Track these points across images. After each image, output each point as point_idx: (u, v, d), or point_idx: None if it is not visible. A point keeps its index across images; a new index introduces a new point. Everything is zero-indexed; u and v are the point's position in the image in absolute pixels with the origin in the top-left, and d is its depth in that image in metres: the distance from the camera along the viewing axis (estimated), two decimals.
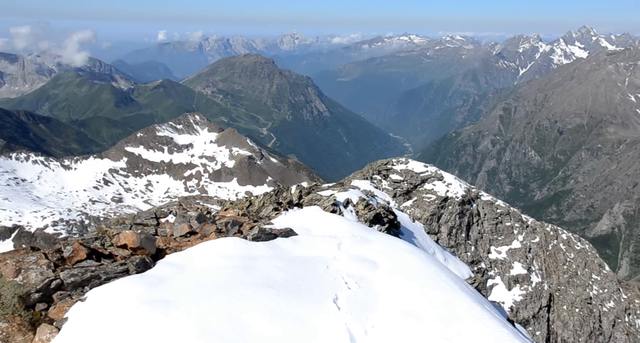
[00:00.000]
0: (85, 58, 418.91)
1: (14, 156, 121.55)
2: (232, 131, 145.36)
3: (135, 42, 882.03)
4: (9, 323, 5.82)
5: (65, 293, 6.38)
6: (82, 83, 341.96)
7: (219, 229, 8.35)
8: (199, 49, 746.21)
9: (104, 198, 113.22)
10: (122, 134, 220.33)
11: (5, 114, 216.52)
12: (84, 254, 6.78)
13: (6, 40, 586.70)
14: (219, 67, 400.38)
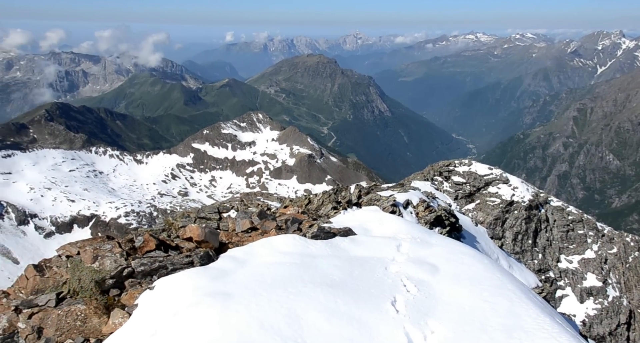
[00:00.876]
0: (159, 59, 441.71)
1: (94, 150, 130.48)
2: (293, 130, 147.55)
3: (205, 43, 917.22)
4: (87, 305, 6.24)
5: (135, 281, 6.74)
6: (155, 82, 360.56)
7: (279, 226, 8.49)
8: (263, 50, 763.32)
9: (171, 192, 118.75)
10: (190, 131, 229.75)
11: (87, 110, 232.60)
12: (153, 245, 7.13)
13: (91, 43, 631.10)
14: (282, 67, 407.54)
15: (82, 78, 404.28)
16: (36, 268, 6.93)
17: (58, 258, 7.14)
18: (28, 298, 6.51)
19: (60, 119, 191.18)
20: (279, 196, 37.18)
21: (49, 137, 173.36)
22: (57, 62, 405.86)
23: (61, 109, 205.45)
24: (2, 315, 6.32)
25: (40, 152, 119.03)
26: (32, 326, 6.19)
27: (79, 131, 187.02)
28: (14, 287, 6.92)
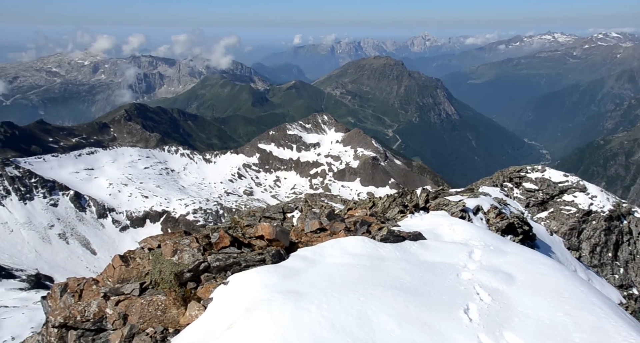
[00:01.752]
0: (229, 61, 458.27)
1: (167, 149, 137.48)
2: (358, 132, 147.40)
3: (274, 45, 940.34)
4: (167, 296, 6.61)
5: (211, 275, 7.04)
6: (225, 84, 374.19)
7: (348, 228, 8.53)
8: (330, 52, 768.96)
9: (237, 191, 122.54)
10: (257, 131, 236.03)
11: (162, 111, 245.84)
12: (227, 242, 7.42)
13: (167, 47, 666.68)
14: (348, 69, 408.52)
15: (159, 80, 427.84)
16: (122, 258, 7.44)
17: (141, 250, 7.62)
18: (115, 286, 7.00)
19: (137, 119, 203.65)
20: (343, 198, 37.19)
21: (127, 136, 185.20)
22: (136, 65, 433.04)
23: (139, 110, 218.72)
24: (93, 300, 6.84)
25: (119, 150, 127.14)
26: (118, 312, 6.65)
27: (154, 130, 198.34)
28: (102, 275, 7.47)
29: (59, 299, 7.25)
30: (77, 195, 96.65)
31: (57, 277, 71.09)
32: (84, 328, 6.64)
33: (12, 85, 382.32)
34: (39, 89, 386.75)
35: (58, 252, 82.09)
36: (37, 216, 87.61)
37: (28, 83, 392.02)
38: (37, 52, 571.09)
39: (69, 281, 7.46)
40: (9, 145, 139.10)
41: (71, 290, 7.29)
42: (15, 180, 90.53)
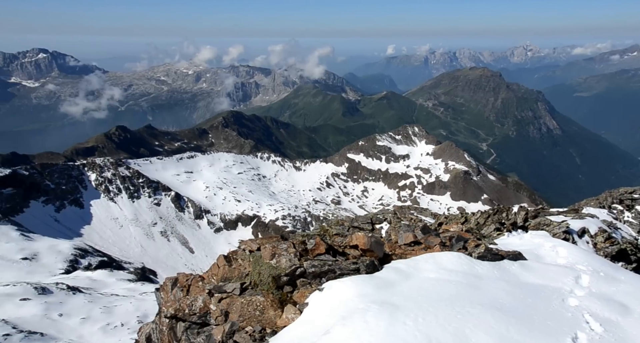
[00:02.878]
0: (322, 71, 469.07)
1: (259, 155, 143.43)
2: (449, 145, 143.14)
3: (366, 56, 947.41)
4: (265, 298, 6.96)
5: (306, 280, 7.29)
6: (317, 94, 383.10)
7: (443, 242, 8.38)
8: (424, 62, 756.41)
9: (324, 200, 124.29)
10: (346, 141, 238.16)
11: (257, 119, 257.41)
12: (323, 249, 7.65)
13: (264, 57, 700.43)
14: (442, 80, 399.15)
15: (254, 89, 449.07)
16: (226, 258, 7.95)
17: (242, 252, 8.08)
18: (218, 284, 7.50)
19: (233, 126, 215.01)
20: (432, 212, 36.27)
21: (223, 142, 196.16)
22: (235, 74, 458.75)
23: (235, 117, 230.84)
24: (199, 296, 7.39)
25: (215, 155, 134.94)
26: (221, 309, 7.12)
27: (248, 137, 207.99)
28: (207, 273, 8.04)
29: (170, 292, 7.91)
30: (178, 196, 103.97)
31: (160, 271, 76.77)
32: (191, 321, 7.18)
33: (126, 92, 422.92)
34: (148, 96, 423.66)
35: (160, 248, 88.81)
36: (143, 214, 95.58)
37: (140, 91, 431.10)
38: (149, 62, 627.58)
39: (179, 276, 8.12)
40: (122, 147, 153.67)
41: (180, 284, 7.93)
42: (125, 179, 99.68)
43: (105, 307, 29.00)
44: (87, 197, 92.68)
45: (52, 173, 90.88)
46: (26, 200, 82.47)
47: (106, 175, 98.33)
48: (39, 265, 49.08)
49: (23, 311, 26.18)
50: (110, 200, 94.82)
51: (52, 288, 30.45)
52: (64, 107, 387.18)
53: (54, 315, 26.52)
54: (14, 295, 28.07)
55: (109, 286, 38.26)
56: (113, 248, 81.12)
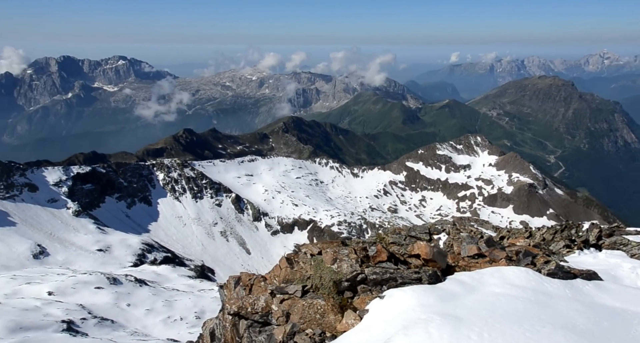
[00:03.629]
0: (383, 78, 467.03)
1: (318, 161, 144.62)
2: (514, 156, 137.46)
3: (429, 64, 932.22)
4: (326, 302, 7.04)
5: (367, 287, 7.30)
6: (377, 101, 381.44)
7: (509, 257, 8.09)
8: (489, 71, 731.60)
9: (381, 207, 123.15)
10: (405, 149, 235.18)
11: (316, 125, 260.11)
12: (385, 256, 7.62)
13: (326, 64, 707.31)
14: (508, 89, 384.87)
15: (315, 95, 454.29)
16: (288, 261, 8.12)
17: (304, 255, 8.21)
18: (280, 285, 7.67)
19: (293, 131, 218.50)
20: (494, 225, 34.99)
21: (283, 147, 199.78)
22: (296, 80, 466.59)
23: (295, 123, 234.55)
24: (261, 296, 7.60)
25: (275, 159, 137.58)
26: (282, 310, 7.28)
27: (307, 143, 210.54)
28: (270, 273, 8.24)
29: (233, 290, 8.18)
30: (238, 198, 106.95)
31: (218, 270, 79.34)
32: (253, 320, 7.40)
33: (194, 97, 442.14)
34: (214, 101, 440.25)
35: (219, 248, 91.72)
36: (205, 214, 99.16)
37: (206, 95, 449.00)
38: (215, 69, 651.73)
39: (242, 275, 8.38)
40: (188, 149, 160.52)
41: (243, 283, 8.18)
42: (190, 180, 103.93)
43: (167, 301, 30.33)
44: (155, 195, 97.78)
45: (126, 172, 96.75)
46: (102, 195, 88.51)
47: (173, 176, 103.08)
48: (111, 256, 52.23)
49: (97, 298, 27.97)
50: (175, 199, 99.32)
51: (122, 280, 32.29)
52: (138, 110, 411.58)
53: (122, 304, 28.11)
54: (90, 283, 30.07)
55: (171, 281, 39.98)
56: (176, 245, 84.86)
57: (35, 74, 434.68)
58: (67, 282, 30.27)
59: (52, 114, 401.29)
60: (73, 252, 63.26)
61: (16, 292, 27.65)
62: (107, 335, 22.80)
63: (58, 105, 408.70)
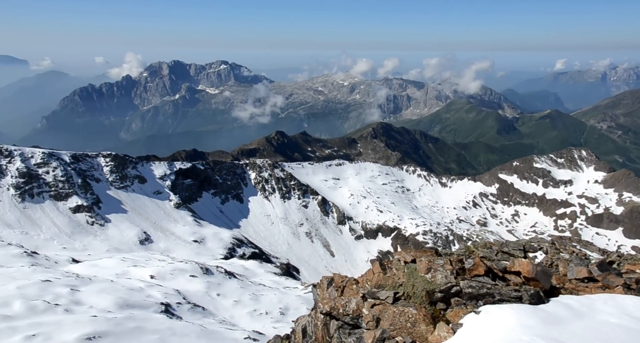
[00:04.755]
0: (478, 86, 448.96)
1: (405, 168, 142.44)
2: (626, 173, 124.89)
3: (530, 71, 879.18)
4: (417, 311, 6.95)
5: (461, 300, 7.09)
6: (470, 109, 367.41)
7: (628, 284, 7.41)
8: (601, 79, 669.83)
9: (469, 219, 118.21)
10: (498, 160, 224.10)
11: (405, 131, 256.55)
12: (482, 270, 7.35)
13: (418, 71, 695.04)
14: (623, 99, 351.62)
15: (406, 102, 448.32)
16: (381, 266, 8.14)
17: (397, 262, 8.18)
18: (372, 290, 7.70)
19: (382, 137, 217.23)
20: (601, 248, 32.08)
21: (371, 152, 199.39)
22: (388, 86, 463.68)
23: (384, 129, 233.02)
24: (353, 298, 7.69)
25: (362, 164, 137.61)
26: (373, 315, 7.30)
27: (395, 149, 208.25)
28: (362, 277, 8.31)
29: (326, 290, 8.37)
30: (324, 201, 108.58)
31: (302, 269, 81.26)
32: (344, 321, 7.51)
33: (287, 100, 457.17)
34: (306, 105, 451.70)
35: (304, 248, 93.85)
36: (292, 214, 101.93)
37: (299, 100, 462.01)
38: (309, 74, 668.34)
39: (335, 276, 8.54)
40: (279, 150, 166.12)
41: (336, 284, 8.34)
42: (280, 180, 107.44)
43: (254, 295, 31.59)
44: (246, 193, 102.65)
45: (221, 169, 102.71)
46: (200, 190, 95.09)
47: (264, 175, 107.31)
48: (205, 248, 55.63)
49: (190, 286, 29.94)
50: (265, 198, 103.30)
51: (213, 271, 34.22)
52: (235, 112, 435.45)
53: (213, 293, 29.79)
54: (185, 271, 32.28)
55: (258, 276, 41.58)
56: (264, 243, 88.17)
57: (149, 76, 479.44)
58: (166, 268, 32.75)
59: (161, 113, 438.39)
60: (172, 241, 68.53)
61: (125, 273, 30.48)
62: (198, 320, 24.26)
63: (167, 105, 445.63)
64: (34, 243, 57.00)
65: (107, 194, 78.81)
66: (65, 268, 32.15)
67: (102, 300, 22.51)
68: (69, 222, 69.42)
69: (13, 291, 21.42)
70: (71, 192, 74.62)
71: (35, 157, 77.32)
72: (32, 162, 76.37)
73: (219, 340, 20.77)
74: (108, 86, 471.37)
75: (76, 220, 70.31)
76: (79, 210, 72.28)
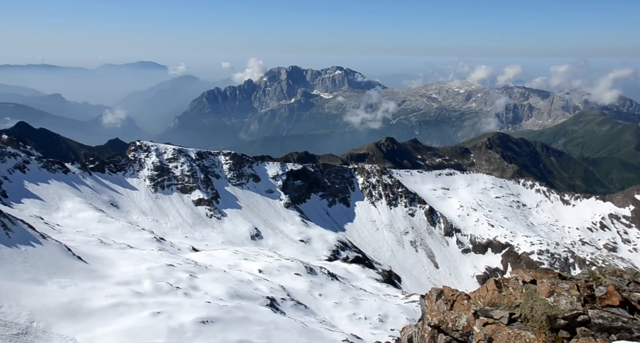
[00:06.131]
0: (615, 96, 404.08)
1: (522, 182, 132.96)
2: None
3: None
4: (536, 336, 6.47)
5: (589, 331, 6.45)
6: (603, 122, 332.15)
7: None
8: None
9: (595, 242, 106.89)
10: (635, 179, 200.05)
11: (524, 143, 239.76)
12: (617, 300, 6.62)
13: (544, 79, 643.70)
14: None
15: (527, 112, 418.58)
16: (496, 283, 7.71)
17: (515, 281, 7.69)
18: (485, 308, 7.34)
19: (497, 148, 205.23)
20: None
21: (484, 163, 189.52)
22: (507, 95, 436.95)
23: (501, 139, 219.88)
24: (463, 314, 7.39)
25: (474, 176, 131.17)
26: (484, 333, 6.95)
27: (512, 161, 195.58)
28: (475, 293, 7.95)
29: (434, 302, 8.15)
30: (431, 210, 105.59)
31: (404, 278, 79.99)
32: (452, 337, 7.24)
33: (399, 107, 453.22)
34: (418, 112, 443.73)
35: (408, 257, 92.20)
36: (397, 221, 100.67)
37: (411, 106, 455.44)
38: (423, 80, 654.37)
39: (445, 289, 8.28)
40: (388, 157, 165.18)
41: (445, 297, 8.08)
42: (387, 187, 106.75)
43: (354, 298, 31.75)
44: (353, 197, 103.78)
45: (330, 173, 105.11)
46: (309, 192, 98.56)
47: (371, 181, 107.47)
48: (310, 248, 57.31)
49: (295, 283, 31.01)
50: (371, 203, 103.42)
51: (317, 271, 35.07)
52: (347, 117, 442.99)
53: (315, 293, 30.54)
54: (291, 268, 33.54)
55: (359, 280, 41.72)
56: (367, 248, 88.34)
57: (269, 81, 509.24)
58: (273, 264, 34.30)
59: (277, 116, 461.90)
60: (280, 238, 71.80)
61: (237, 265, 32.55)
62: (300, 317, 25.02)
63: (282, 109, 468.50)
64: (162, 230, 63.33)
65: (225, 190, 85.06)
66: (186, 255, 35.22)
67: (215, 288, 24.25)
68: (191, 213, 76.16)
69: (144, 271, 24.00)
70: (194, 186, 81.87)
71: (167, 153, 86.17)
72: (165, 157, 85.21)
73: (318, 339, 21.23)
74: (231, 90, 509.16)
75: (197, 212, 76.91)
76: (200, 204, 79.08)
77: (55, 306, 19.10)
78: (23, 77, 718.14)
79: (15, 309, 17.97)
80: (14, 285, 20.06)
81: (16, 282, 20.49)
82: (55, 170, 69.96)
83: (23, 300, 18.89)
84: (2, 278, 20.29)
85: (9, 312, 17.68)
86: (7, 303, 18.25)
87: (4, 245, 23.51)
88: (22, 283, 20.50)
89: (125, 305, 19.02)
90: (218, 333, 18.66)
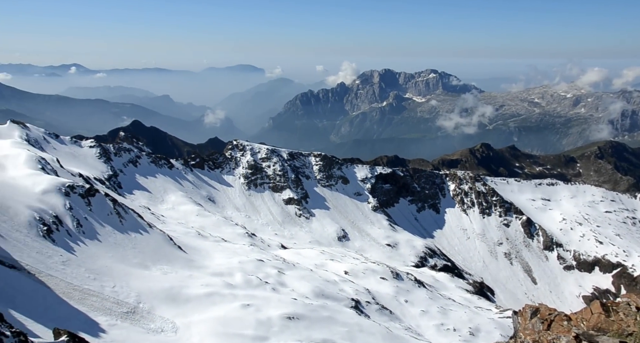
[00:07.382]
0: None
1: (639, 197, 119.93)
2: None
3: None
4: None
5: None
6: None
7: None
8: None
9: None
10: None
11: None
12: None
13: None
14: None
15: None
16: (603, 306, 7.03)
17: (626, 306, 6.96)
18: (589, 332, 6.71)
19: (610, 158, 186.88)
20: None
21: (593, 174, 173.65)
22: (625, 100, 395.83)
23: (614, 148, 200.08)
24: (563, 336, 6.82)
25: (580, 187, 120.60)
26: None
27: (627, 173, 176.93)
28: (577, 314, 7.32)
29: (529, 320, 7.63)
30: (529, 222, 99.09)
31: (498, 292, 75.98)
32: None
33: (497, 112, 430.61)
34: (517, 117, 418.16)
35: (501, 269, 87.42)
36: (490, 231, 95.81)
37: (510, 111, 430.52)
38: (525, 84, 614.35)
39: (541, 307, 7.72)
40: (482, 163, 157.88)
41: (541, 316, 7.52)
42: (480, 195, 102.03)
43: (442, 308, 30.73)
44: (443, 204, 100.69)
45: (420, 178, 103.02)
46: (397, 196, 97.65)
47: (463, 188, 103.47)
48: (397, 253, 56.62)
49: (380, 287, 30.78)
50: (463, 211, 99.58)
51: (403, 276, 34.49)
52: (440, 121, 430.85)
53: (401, 299, 30.05)
54: (377, 272, 33.35)
55: (448, 290, 40.29)
56: (457, 257, 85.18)
57: (361, 84, 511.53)
58: (359, 266, 34.31)
59: (369, 119, 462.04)
60: (367, 241, 71.75)
61: (323, 265, 33.05)
62: (384, 322, 24.76)
63: (374, 112, 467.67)
64: (253, 226, 66.29)
65: (314, 190, 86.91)
66: (275, 252, 36.47)
67: (302, 286, 24.83)
68: (281, 211, 78.87)
69: (236, 264, 25.27)
70: (285, 186, 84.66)
71: (261, 152, 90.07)
72: (259, 157, 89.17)
73: None
74: (324, 92, 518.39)
75: (287, 211, 79.47)
76: (290, 202, 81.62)
77: (158, 290, 20.89)
78: (139, 80, 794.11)
79: (125, 290, 20.08)
80: (125, 268, 22.28)
81: (127, 265, 22.70)
82: (162, 165, 76.40)
83: (132, 282, 20.94)
84: (116, 260, 22.63)
85: (121, 292, 19.81)
86: (119, 283, 20.42)
87: (118, 231, 26.23)
88: (131, 267, 22.67)
89: (218, 295, 20.25)
90: (303, 330, 19.10)
